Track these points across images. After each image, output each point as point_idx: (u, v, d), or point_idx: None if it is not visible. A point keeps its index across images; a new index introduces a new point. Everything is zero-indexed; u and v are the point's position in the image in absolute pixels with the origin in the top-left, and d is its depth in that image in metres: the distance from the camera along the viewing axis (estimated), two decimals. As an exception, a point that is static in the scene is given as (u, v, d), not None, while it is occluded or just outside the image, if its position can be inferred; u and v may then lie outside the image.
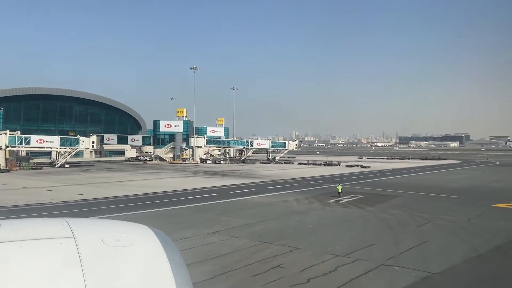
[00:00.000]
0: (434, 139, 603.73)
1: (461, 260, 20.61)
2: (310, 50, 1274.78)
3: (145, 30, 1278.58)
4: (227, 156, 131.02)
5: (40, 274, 3.14)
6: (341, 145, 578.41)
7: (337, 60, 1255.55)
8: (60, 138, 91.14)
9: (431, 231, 27.49)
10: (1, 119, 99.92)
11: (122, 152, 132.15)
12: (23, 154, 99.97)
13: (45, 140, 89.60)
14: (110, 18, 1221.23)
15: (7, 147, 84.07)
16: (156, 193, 46.81)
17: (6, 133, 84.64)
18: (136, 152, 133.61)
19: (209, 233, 26.29)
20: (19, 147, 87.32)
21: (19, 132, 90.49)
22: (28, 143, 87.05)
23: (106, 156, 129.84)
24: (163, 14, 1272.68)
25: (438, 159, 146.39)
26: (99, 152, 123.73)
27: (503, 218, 32.79)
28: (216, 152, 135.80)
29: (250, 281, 17.32)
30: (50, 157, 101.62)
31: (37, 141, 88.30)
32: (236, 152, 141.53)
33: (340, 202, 40.41)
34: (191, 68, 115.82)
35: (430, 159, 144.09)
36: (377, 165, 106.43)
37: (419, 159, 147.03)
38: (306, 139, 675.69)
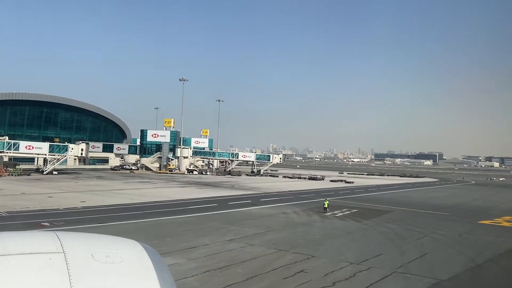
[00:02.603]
0: (408, 156, 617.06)
1: (463, 269, 23.03)
2: (288, 64, 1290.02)
3: (130, 40, 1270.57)
4: (212, 167, 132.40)
5: None
6: (318, 159, 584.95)
7: (315, 75, 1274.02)
8: (50, 144, 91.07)
9: (429, 244, 29.92)
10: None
11: (106, 160, 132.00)
12: (6, 159, 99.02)
13: (34, 147, 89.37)
14: (97, 28, 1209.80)
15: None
16: (157, 202, 48.17)
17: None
18: (120, 161, 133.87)
19: (225, 240, 28.06)
20: (7, 152, 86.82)
21: (7, 137, 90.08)
22: (17, 149, 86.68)
23: (90, 164, 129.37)
24: (150, 24, 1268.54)
25: (416, 176, 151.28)
26: (83, 159, 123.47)
27: (490, 233, 35.63)
28: (200, 163, 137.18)
29: (282, 282, 19.22)
30: (37, 163, 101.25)
31: (26, 147, 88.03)
32: (218, 164, 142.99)
33: (337, 215, 42.66)
34: (180, 80, 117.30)
35: (409, 177, 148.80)
36: (359, 180, 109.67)
37: (398, 176, 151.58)
38: (283, 152, 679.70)
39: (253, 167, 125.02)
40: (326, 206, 44.90)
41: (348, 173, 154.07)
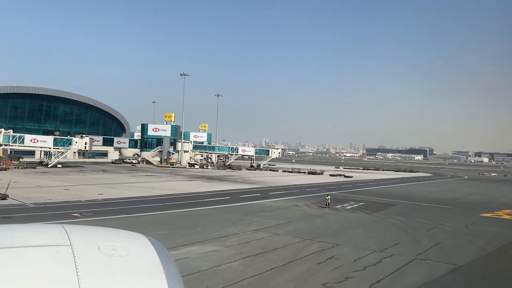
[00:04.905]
0: (399, 151, 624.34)
1: (475, 256, 25.18)
2: (280, 61, 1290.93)
3: (130, 35, 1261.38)
4: (211, 161, 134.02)
5: (36, 282, 3.16)
6: (311, 154, 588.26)
7: (308, 71, 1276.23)
8: (54, 138, 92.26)
9: (439, 234, 32.05)
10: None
11: (105, 154, 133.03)
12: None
13: (39, 140, 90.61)
14: (97, 23, 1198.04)
15: (0, 145, 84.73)
16: (171, 195, 49.87)
17: (0, 132, 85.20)
18: (118, 155, 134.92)
19: (252, 230, 29.96)
20: (12, 145, 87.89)
21: (11, 130, 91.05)
22: (22, 142, 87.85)
23: (89, 158, 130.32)
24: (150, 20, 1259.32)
25: (411, 171, 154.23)
26: (82, 153, 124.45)
27: (493, 225, 37.89)
28: (199, 157, 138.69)
29: (318, 267, 21.14)
30: (40, 157, 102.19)
31: (31, 140, 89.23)
32: (217, 158, 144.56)
33: (347, 208, 44.75)
34: (181, 74, 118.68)
35: (403, 171, 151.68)
36: (357, 175, 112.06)
37: (393, 171, 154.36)
38: (276, 147, 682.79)
39: (252, 161, 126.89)
40: (328, 201, 45.39)
41: (344, 168, 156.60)
